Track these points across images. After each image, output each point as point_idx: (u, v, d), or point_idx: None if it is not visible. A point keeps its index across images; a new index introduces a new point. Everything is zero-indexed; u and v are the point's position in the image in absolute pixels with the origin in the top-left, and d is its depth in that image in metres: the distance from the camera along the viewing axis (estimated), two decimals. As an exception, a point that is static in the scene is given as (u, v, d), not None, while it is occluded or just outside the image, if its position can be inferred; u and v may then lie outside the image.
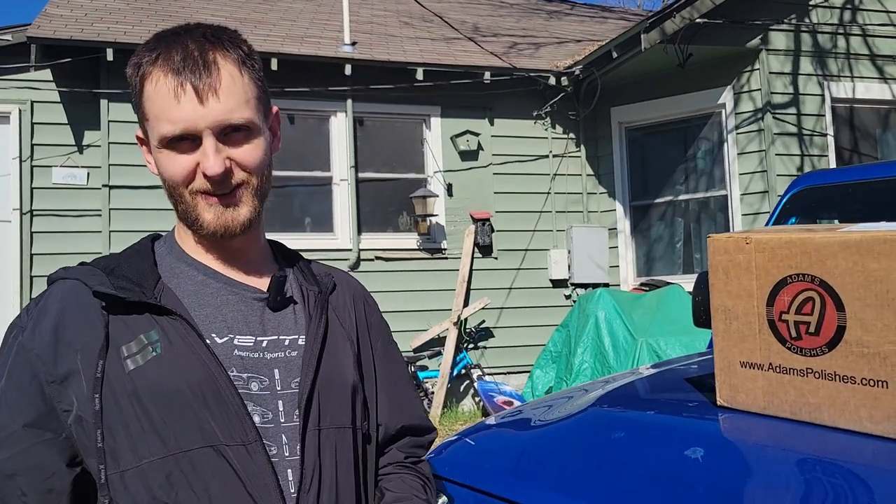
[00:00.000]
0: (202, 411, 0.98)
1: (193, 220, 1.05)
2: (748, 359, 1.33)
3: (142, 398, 0.97)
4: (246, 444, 0.98)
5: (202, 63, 1.01)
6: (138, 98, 1.04)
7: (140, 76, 1.03)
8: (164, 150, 1.03)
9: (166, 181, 1.05)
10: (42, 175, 6.85)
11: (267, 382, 1.04)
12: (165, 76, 1.01)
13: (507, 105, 7.72)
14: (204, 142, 1.01)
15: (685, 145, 7.65)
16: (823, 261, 1.21)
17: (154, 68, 1.02)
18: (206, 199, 1.04)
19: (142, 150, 1.11)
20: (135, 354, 0.99)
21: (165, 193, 1.07)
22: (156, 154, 1.05)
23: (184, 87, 1.00)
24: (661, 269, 7.70)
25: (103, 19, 7.29)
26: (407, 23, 9.07)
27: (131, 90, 1.06)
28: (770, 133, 6.92)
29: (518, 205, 7.75)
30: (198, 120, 1.00)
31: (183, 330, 1.01)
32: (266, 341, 1.06)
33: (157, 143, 1.03)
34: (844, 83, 7.22)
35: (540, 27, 9.68)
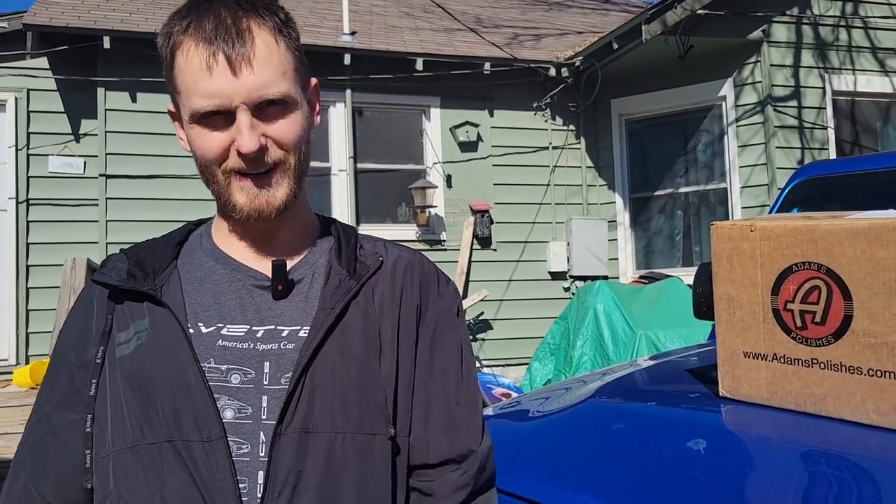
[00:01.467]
0: (167, 404, 0.93)
1: (225, 201, 1.00)
2: (752, 349, 1.30)
3: (122, 386, 0.97)
4: (207, 441, 0.91)
5: (235, 31, 0.94)
6: (169, 70, 0.98)
7: (171, 46, 0.97)
8: (196, 125, 0.96)
9: (198, 159, 0.99)
10: (38, 164, 6.81)
11: (252, 375, 0.95)
12: (197, 46, 0.94)
13: (507, 96, 7.68)
14: (238, 117, 0.94)
15: (685, 138, 7.61)
16: (830, 249, 1.18)
17: (185, 37, 0.95)
18: (240, 179, 0.98)
19: (174, 126, 1.06)
20: (126, 342, 0.98)
21: (198, 172, 1.01)
22: (188, 130, 0.99)
23: (216, 57, 0.93)
24: (660, 262, 7.67)
25: (100, 7, 7.23)
26: (407, 13, 9.01)
27: (162, 62, 1.00)
28: (771, 126, 6.88)
29: (517, 196, 7.71)
30: (232, 94, 0.93)
31: (169, 319, 0.97)
32: (262, 331, 0.97)
33: (189, 119, 0.97)
34: (846, 76, 7.18)
35: (541, 18, 9.63)
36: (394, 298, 1.05)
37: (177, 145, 5.65)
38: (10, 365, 6.61)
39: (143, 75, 6.61)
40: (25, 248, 6.73)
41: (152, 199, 6.64)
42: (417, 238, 7.37)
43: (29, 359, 6.60)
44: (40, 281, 6.67)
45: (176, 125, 1.05)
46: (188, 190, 6.73)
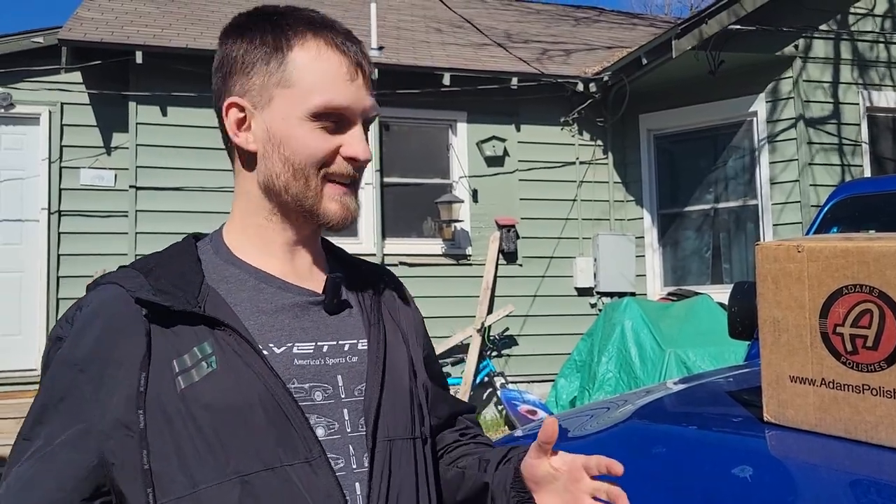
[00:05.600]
0: (261, 431, 0.90)
1: (312, 206, 0.98)
2: (798, 373, 1.25)
3: (197, 418, 0.88)
4: (310, 461, 0.91)
5: (361, 49, 0.99)
6: (277, 60, 0.96)
7: (286, 38, 0.96)
8: (311, 123, 0.95)
9: (297, 157, 0.96)
10: (70, 176, 6.91)
11: (331, 391, 0.97)
12: (330, 49, 0.97)
13: (534, 111, 7.66)
14: (355, 127, 0.98)
15: (715, 153, 7.53)
16: (883, 271, 1.13)
17: (310, 35, 0.97)
18: (335, 187, 0.99)
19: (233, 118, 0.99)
20: (189, 369, 0.90)
21: (275, 172, 0.97)
22: (291, 125, 0.96)
23: (355, 68, 0.97)
24: (689, 279, 7.58)
25: (133, 22, 7.34)
26: (435, 28, 9.05)
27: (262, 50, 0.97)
28: (804, 142, 6.78)
29: (544, 212, 7.67)
30: (359, 105, 0.97)
31: (235, 342, 0.92)
32: (326, 346, 0.99)
33: (306, 115, 0.95)
34: (885, 92, 7.07)
35: (569, 34, 9.62)
36: (399, 312, 1.14)
37: (206, 158, 5.69)
38: (40, 375, 6.67)
39: (173, 90, 6.69)
40: (56, 258, 6.82)
41: (181, 211, 6.69)
42: (443, 252, 7.35)
43: (57, 369, 6.65)
44: (70, 292, 6.75)
45: (238, 116, 0.99)
46: (216, 202, 6.78)
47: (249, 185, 1.02)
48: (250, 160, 1.01)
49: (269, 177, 0.98)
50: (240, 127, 0.99)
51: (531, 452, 1.02)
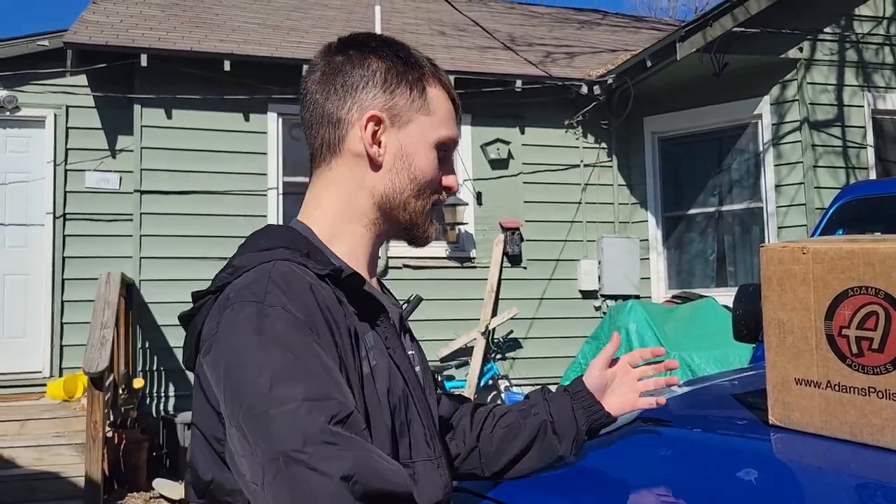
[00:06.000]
0: (418, 421, 0.99)
1: (419, 224, 1.09)
2: (804, 375, 1.25)
3: (378, 397, 0.94)
4: (432, 459, 1.00)
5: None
6: (419, 91, 1.07)
7: (422, 72, 1.08)
8: (434, 151, 1.08)
9: (420, 178, 1.07)
10: (75, 179, 6.93)
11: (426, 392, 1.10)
12: (445, 91, 1.11)
13: (539, 114, 7.66)
14: (451, 161, 1.13)
15: (720, 156, 7.51)
16: (889, 273, 1.12)
17: (437, 78, 1.10)
18: (433, 211, 1.11)
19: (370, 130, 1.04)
20: (371, 351, 0.96)
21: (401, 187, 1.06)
22: (422, 149, 1.07)
23: (458, 111, 1.13)
24: (693, 282, 7.56)
25: (138, 25, 7.37)
26: (440, 31, 9.06)
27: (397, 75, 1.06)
28: (809, 144, 6.77)
29: (548, 214, 7.66)
30: (459, 142, 1.15)
31: (391, 337, 1.00)
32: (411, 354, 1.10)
33: (434, 144, 1.08)
34: (890, 95, 7.05)
35: (573, 36, 9.62)
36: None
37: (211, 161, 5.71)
38: (44, 377, 6.69)
39: (178, 92, 6.71)
40: (62, 261, 6.84)
41: (185, 214, 6.71)
42: (447, 255, 7.34)
43: (63, 371, 6.68)
44: (75, 294, 6.77)
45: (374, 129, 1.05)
46: (220, 206, 6.80)
47: (359, 193, 1.06)
48: (371, 171, 1.06)
49: (392, 189, 1.06)
50: (374, 138, 1.05)
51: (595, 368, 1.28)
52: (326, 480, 0.73)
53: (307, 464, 0.74)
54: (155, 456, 6.09)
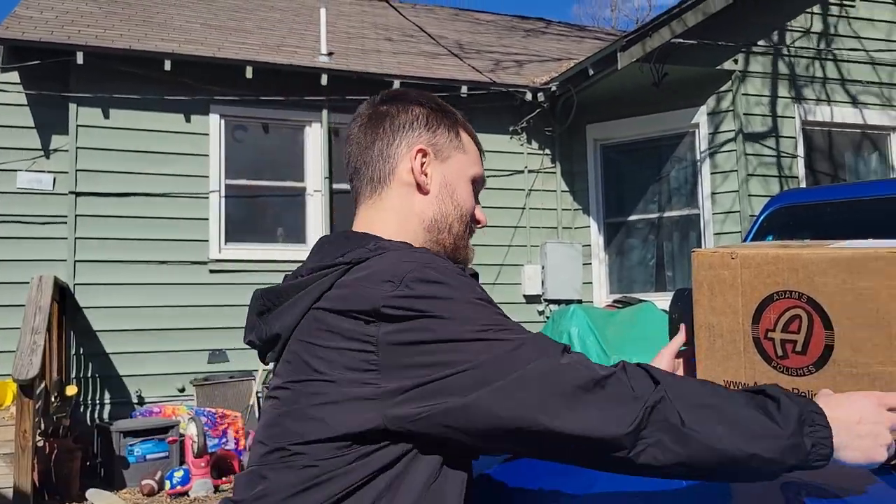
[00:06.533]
0: None
1: (462, 247, 1.23)
2: (733, 378, 1.28)
3: None
4: None
5: None
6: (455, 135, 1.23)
7: (455, 117, 1.25)
8: (470, 185, 1.24)
9: (463, 210, 1.22)
10: (6, 179, 6.67)
11: None
12: (472, 139, 1.27)
13: (484, 120, 7.71)
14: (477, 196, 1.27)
15: (659, 164, 7.69)
16: (812, 278, 1.16)
17: (464, 126, 1.26)
18: (470, 238, 1.26)
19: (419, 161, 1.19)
20: None
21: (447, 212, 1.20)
22: (462, 184, 1.23)
23: (482, 155, 1.29)
24: (634, 287, 7.72)
25: (74, 22, 7.16)
26: (386, 37, 9.05)
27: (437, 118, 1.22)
28: (743, 154, 6.99)
29: (493, 220, 7.71)
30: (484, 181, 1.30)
31: None
32: None
33: (470, 177, 1.24)
34: (820, 107, 7.33)
35: (518, 44, 9.72)
36: None
37: (149, 163, 5.57)
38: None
39: (116, 92, 6.54)
40: (-10, 264, 6.58)
41: (123, 216, 6.54)
42: (392, 260, 7.33)
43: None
44: (5, 299, 6.51)
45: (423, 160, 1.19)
46: (160, 208, 6.65)
47: (410, 217, 1.18)
48: (420, 196, 1.19)
49: (439, 214, 1.19)
50: (423, 167, 1.20)
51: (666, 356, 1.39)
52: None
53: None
54: (88, 465, 5.91)
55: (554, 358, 0.94)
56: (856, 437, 0.96)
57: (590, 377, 0.93)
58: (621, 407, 0.91)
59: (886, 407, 1.00)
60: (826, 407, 0.98)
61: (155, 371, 6.53)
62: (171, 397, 6.58)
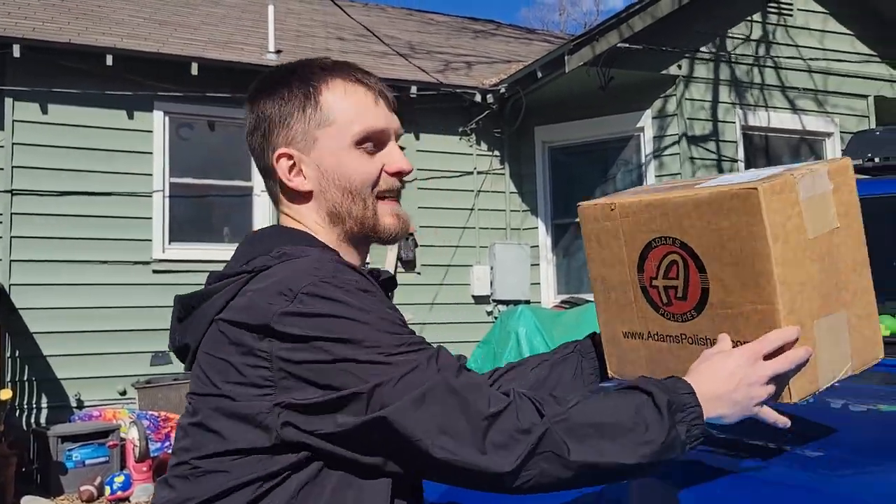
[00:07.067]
0: None
1: (373, 225, 1.11)
2: (629, 328, 1.26)
3: None
4: None
5: (380, 81, 1.14)
6: (311, 108, 1.09)
7: (312, 85, 1.10)
8: (356, 150, 1.09)
9: (353, 184, 1.09)
10: (-63, 175, 6.41)
11: None
12: (353, 84, 1.11)
13: (434, 121, 7.72)
14: (391, 144, 1.12)
15: (606, 166, 7.81)
16: (681, 222, 1.13)
17: (333, 76, 1.11)
18: (386, 203, 1.12)
19: (283, 168, 1.11)
20: None
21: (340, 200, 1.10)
22: (340, 156, 1.09)
23: (378, 95, 1.12)
24: (581, 288, 7.81)
25: (11, 14, 6.92)
26: (337, 36, 8.99)
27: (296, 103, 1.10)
28: (687, 157, 7.14)
29: (442, 220, 7.73)
30: (392, 126, 1.13)
31: None
32: None
33: (350, 143, 1.09)
34: (759, 112, 7.54)
35: (468, 46, 9.76)
36: None
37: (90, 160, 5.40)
38: None
39: (55, 86, 6.35)
40: (-80, 264, 6.31)
41: (62, 215, 6.35)
42: (341, 260, 7.28)
43: (-81, 383, 6.15)
44: (-65, 300, 6.26)
45: (288, 164, 1.11)
46: (102, 207, 6.48)
47: (314, 223, 1.12)
48: (308, 202, 1.12)
49: (331, 206, 1.10)
50: (291, 172, 1.11)
51: None
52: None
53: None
54: (24, 471, 5.71)
55: (449, 384, 0.92)
56: (731, 405, 1.01)
57: (480, 411, 0.91)
58: (507, 444, 0.91)
59: (762, 355, 1.03)
60: (698, 381, 1.01)
61: (95, 374, 6.35)
62: (113, 401, 6.41)
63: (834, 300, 1.09)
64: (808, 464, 1.20)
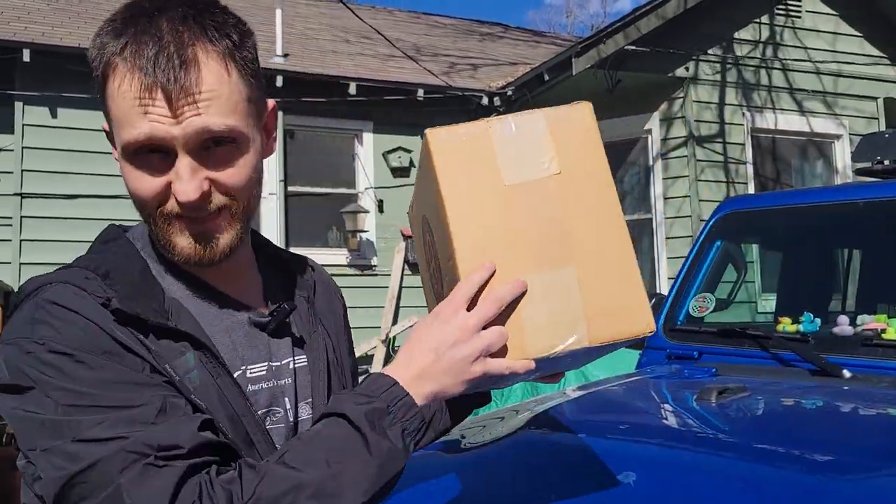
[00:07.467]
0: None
1: (165, 243, 0.89)
2: None
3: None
4: None
5: (178, 61, 0.81)
6: (101, 91, 0.87)
7: (103, 65, 0.85)
8: (128, 163, 0.85)
9: (132, 198, 0.88)
10: (-52, 179, 6.46)
11: (281, 413, 0.95)
12: (132, 73, 0.82)
13: (440, 123, 7.44)
14: (178, 161, 0.83)
15: (613, 168, 7.74)
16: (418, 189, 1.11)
17: (119, 61, 0.83)
18: (180, 223, 0.87)
19: (112, 149, 0.92)
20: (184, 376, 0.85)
21: (134, 207, 0.91)
22: (120, 162, 0.87)
23: (154, 92, 0.81)
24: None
25: (20, 18, 6.97)
26: (344, 39, 9.01)
27: (94, 77, 0.87)
28: (694, 159, 7.13)
29: (449, 223, 7.73)
30: (171, 134, 0.82)
31: (209, 362, 0.86)
32: (274, 367, 0.96)
33: (121, 153, 0.86)
34: (766, 114, 7.53)
35: (476, 48, 9.77)
36: (331, 316, 1.11)
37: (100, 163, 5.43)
38: None
39: (65, 91, 6.39)
40: (-70, 267, 6.36)
41: (72, 218, 6.39)
42: (348, 263, 7.30)
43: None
44: (-54, 303, 6.30)
45: (114, 149, 0.93)
46: (111, 210, 6.50)
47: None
48: None
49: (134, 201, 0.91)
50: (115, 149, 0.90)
51: None
52: None
53: None
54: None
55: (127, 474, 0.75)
56: (439, 377, 0.85)
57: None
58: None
59: (459, 309, 0.86)
60: (397, 366, 0.86)
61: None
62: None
63: (556, 254, 0.91)
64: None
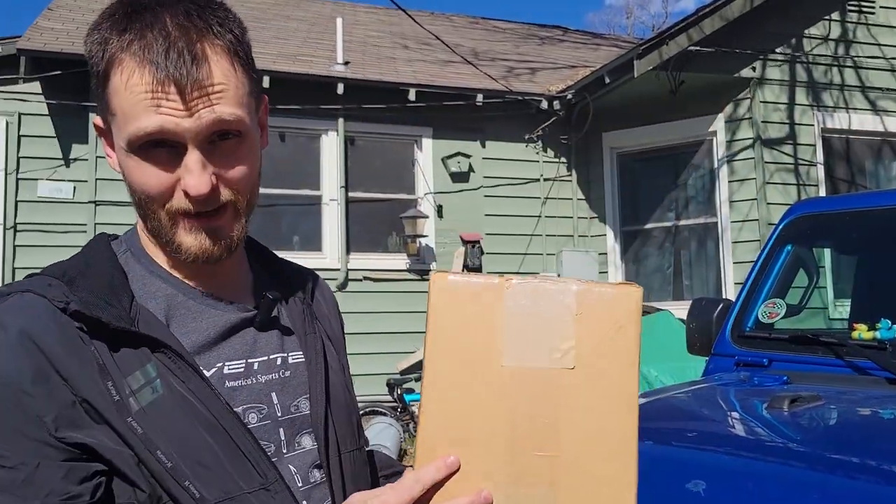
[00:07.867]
0: (215, 459, 0.84)
1: (168, 241, 0.88)
2: None
3: (153, 444, 0.81)
4: (267, 486, 0.86)
5: (189, 56, 0.81)
6: (101, 86, 0.84)
7: (106, 60, 0.83)
8: (135, 156, 0.83)
9: (136, 193, 0.86)
10: (27, 188, 6.77)
11: (266, 410, 0.92)
12: (141, 67, 0.80)
13: (499, 128, 7.72)
14: (188, 155, 0.83)
15: (676, 172, 7.66)
16: None
17: (126, 56, 0.81)
18: (187, 221, 0.86)
19: (101, 143, 0.91)
20: (137, 392, 0.82)
21: (133, 204, 0.88)
22: (122, 157, 0.85)
23: (167, 87, 0.80)
24: (651, 296, 7.67)
25: (95, 33, 7.25)
26: (402, 45, 9.09)
27: (91, 70, 0.85)
28: (762, 161, 6.94)
29: (509, 228, 7.72)
30: (182, 128, 0.81)
31: (175, 365, 0.84)
32: (257, 363, 0.94)
33: (126, 147, 0.83)
34: (838, 114, 7.27)
35: (534, 52, 9.73)
36: (330, 321, 1.09)
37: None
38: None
39: (135, 101, 6.61)
40: (12, 273, 6.66)
41: (142, 225, 6.60)
42: (407, 268, 7.34)
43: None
44: (25, 306, 6.59)
45: (104, 142, 0.91)
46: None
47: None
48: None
49: (132, 199, 0.89)
50: (108, 145, 0.90)
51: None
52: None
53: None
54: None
55: None
56: None
57: None
58: None
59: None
60: None
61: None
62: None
63: (536, 469, 0.75)
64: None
